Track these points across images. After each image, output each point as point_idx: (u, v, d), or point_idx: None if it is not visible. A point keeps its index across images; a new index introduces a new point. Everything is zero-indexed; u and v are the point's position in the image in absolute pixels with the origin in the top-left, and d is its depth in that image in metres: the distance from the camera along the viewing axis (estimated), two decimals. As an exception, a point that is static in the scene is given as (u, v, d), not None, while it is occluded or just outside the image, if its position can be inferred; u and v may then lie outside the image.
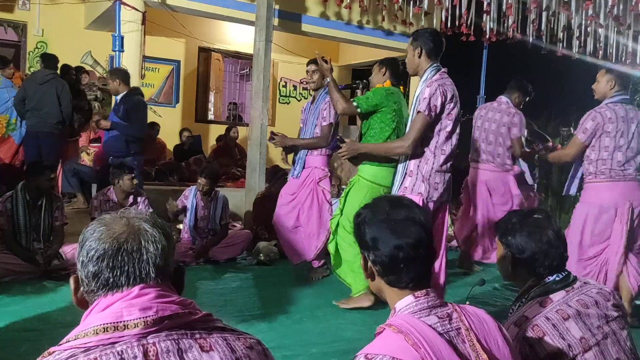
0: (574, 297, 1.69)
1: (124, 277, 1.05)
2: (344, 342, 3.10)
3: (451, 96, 3.08)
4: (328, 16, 7.40)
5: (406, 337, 1.19)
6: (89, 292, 1.07)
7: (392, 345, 1.19)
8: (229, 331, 1.08)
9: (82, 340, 0.97)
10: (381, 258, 1.33)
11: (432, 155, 3.12)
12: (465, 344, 1.24)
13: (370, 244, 1.35)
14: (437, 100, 3.01)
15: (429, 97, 3.00)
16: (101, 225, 1.09)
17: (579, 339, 1.59)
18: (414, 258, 1.31)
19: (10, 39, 7.80)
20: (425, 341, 1.19)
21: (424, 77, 3.14)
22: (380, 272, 1.35)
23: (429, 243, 1.34)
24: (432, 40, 3.16)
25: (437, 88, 3.02)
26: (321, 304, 3.83)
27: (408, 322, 1.24)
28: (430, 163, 3.12)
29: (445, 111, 3.08)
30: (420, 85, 3.13)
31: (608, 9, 7.05)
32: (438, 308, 1.30)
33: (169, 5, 6.41)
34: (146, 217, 1.13)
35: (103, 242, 1.06)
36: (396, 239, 1.31)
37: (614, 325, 1.68)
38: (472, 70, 8.73)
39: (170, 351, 0.97)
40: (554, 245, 1.74)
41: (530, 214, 1.82)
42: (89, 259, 1.06)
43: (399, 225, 1.32)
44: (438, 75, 3.10)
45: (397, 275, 1.32)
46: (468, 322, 1.28)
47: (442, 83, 3.06)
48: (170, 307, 1.03)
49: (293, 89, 9.97)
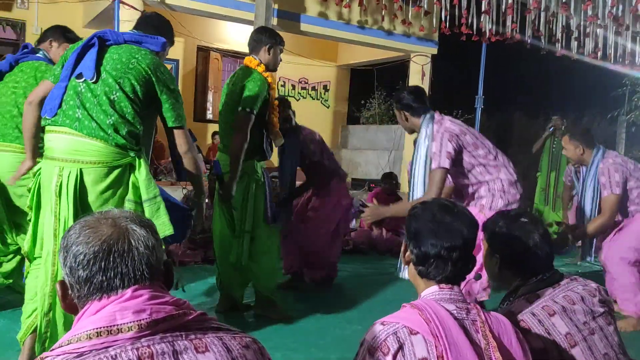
0: (560, 293, 1.71)
1: (117, 279, 1.03)
2: (343, 341, 3.10)
3: (459, 131, 3.05)
4: (327, 16, 7.39)
5: (420, 312, 1.34)
6: (80, 297, 1.05)
7: (407, 317, 1.35)
8: (224, 330, 1.07)
9: (75, 345, 0.96)
10: (417, 249, 1.48)
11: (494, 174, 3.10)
12: (478, 334, 1.34)
13: (412, 235, 1.51)
14: (449, 147, 2.98)
15: (439, 150, 2.98)
16: (87, 228, 1.06)
17: (565, 335, 1.61)
18: (445, 258, 1.43)
19: (8, 37, 7.79)
20: (437, 318, 1.31)
21: (423, 134, 3.13)
22: (414, 260, 1.50)
23: (464, 250, 1.45)
24: (412, 100, 3.16)
25: (441, 138, 3.00)
26: (320, 304, 3.83)
27: (426, 302, 1.38)
28: (499, 182, 3.09)
29: (466, 146, 3.06)
30: (424, 141, 3.12)
31: (607, 9, 7.05)
32: (460, 302, 1.41)
33: (167, 5, 6.41)
34: (132, 216, 1.12)
35: (92, 245, 1.04)
36: (432, 238, 1.45)
37: (601, 320, 1.70)
38: (471, 70, 8.73)
39: (165, 353, 0.96)
40: (540, 248, 1.77)
41: (517, 217, 1.84)
42: (77, 263, 1.04)
43: (439, 228, 1.46)
44: (435, 125, 3.07)
45: (426, 268, 1.46)
46: (485, 318, 1.37)
47: (443, 130, 3.03)
48: (164, 308, 1.02)
49: (292, 89, 9.97)
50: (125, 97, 2.25)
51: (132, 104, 2.26)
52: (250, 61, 3.37)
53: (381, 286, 4.45)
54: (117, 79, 2.24)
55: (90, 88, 2.24)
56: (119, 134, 2.22)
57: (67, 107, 2.23)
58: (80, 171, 2.16)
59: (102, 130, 2.19)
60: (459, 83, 9.83)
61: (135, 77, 2.27)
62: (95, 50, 2.28)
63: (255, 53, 3.40)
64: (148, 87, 2.31)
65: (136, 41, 2.39)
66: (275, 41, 3.43)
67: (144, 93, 2.30)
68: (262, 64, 3.35)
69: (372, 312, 3.61)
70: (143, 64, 2.29)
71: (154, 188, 2.27)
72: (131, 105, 2.26)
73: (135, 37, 2.40)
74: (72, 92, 2.26)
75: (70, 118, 2.21)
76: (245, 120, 3.15)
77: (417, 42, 8.20)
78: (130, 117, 2.26)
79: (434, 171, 2.99)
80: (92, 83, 2.24)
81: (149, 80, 2.30)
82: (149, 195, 2.25)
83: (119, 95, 2.24)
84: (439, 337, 1.28)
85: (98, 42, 2.31)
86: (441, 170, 2.96)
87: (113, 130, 2.20)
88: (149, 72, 2.30)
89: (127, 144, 2.23)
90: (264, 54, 3.39)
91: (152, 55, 2.37)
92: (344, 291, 4.27)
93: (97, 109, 2.21)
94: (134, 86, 2.26)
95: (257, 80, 3.21)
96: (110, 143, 2.19)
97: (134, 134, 2.27)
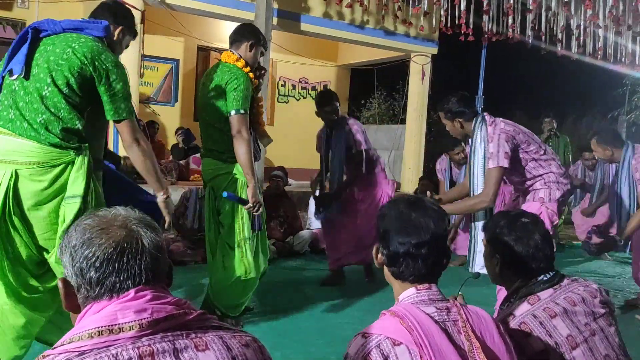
0: (561, 294, 1.70)
1: (130, 281, 1.03)
2: (342, 341, 3.09)
3: (513, 131, 3.14)
4: (327, 16, 7.39)
5: (401, 320, 1.30)
6: (89, 297, 1.05)
7: (388, 327, 1.30)
8: (224, 329, 1.08)
9: (76, 344, 0.96)
10: (387, 249, 1.44)
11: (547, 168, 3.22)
12: (461, 335, 1.31)
13: (381, 235, 1.47)
14: (506, 147, 3.07)
15: (496, 151, 3.06)
16: (97, 229, 1.06)
17: (566, 337, 1.61)
18: (414, 255, 1.39)
19: (9, 37, 7.77)
20: (419, 325, 1.28)
21: (478, 138, 3.17)
22: (385, 262, 1.47)
23: (434, 245, 1.40)
24: (463, 106, 3.21)
25: (498, 139, 3.08)
26: (319, 303, 3.83)
27: (405, 309, 1.34)
28: (553, 175, 3.22)
29: (520, 144, 3.15)
30: (480, 145, 3.16)
31: (608, 9, 7.05)
32: (439, 302, 1.38)
33: (168, 4, 6.41)
34: (138, 217, 1.12)
35: (105, 247, 1.03)
36: (400, 236, 1.41)
37: (602, 322, 1.69)
38: (471, 70, 8.74)
39: (166, 351, 0.97)
40: (541, 249, 1.76)
41: (518, 217, 1.84)
42: (89, 265, 1.03)
43: (406, 224, 1.42)
44: (490, 128, 3.14)
45: (398, 268, 1.43)
46: (465, 316, 1.35)
47: (499, 131, 3.10)
48: (165, 308, 1.02)
49: (292, 88, 9.97)
50: (58, 92, 2.08)
51: (67, 98, 2.10)
52: (229, 56, 3.12)
53: (381, 286, 4.46)
54: (49, 73, 2.08)
55: (24, 85, 2.10)
56: (52, 133, 2.08)
57: (2, 108, 2.12)
58: (16, 172, 2.05)
59: (34, 130, 2.07)
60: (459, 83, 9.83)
61: (69, 68, 2.09)
62: (27, 44, 2.12)
63: (236, 47, 3.16)
64: (85, 78, 2.12)
65: (76, 28, 2.19)
66: (259, 40, 3.20)
67: (81, 85, 2.12)
68: (242, 59, 3.11)
69: (372, 311, 3.60)
70: (79, 53, 2.10)
71: (78, 187, 2.10)
72: (65, 100, 2.09)
73: (76, 24, 2.21)
74: (6, 91, 2.14)
75: (4, 119, 2.10)
76: (243, 122, 2.95)
77: (417, 42, 8.20)
78: (65, 113, 2.10)
79: (492, 170, 3.06)
80: (24, 80, 2.10)
81: (85, 70, 2.11)
82: (69, 193, 2.09)
83: (51, 90, 2.08)
84: (422, 346, 1.25)
85: (32, 35, 2.14)
86: (500, 169, 3.05)
87: (45, 129, 2.07)
88: (85, 62, 2.10)
89: (61, 142, 2.09)
90: (246, 50, 3.15)
91: (93, 43, 2.16)
92: (344, 291, 4.27)
93: (29, 107, 2.08)
94: (68, 79, 2.09)
95: (241, 77, 2.99)
96: (43, 143, 2.07)
97: (72, 131, 2.12)
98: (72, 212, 2.08)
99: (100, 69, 2.13)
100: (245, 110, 2.98)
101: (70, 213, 2.08)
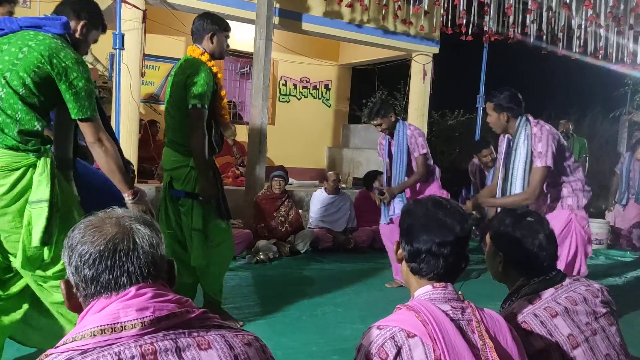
0: (563, 294, 1.70)
1: (125, 278, 1.04)
2: (343, 340, 3.11)
3: (556, 133, 3.22)
4: (328, 15, 7.39)
5: (417, 314, 1.32)
6: (87, 295, 1.06)
7: (403, 320, 1.32)
8: (226, 328, 1.08)
9: (78, 342, 0.97)
10: (409, 245, 1.46)
11: (575, 175, 3.32)
12: (475, 334, 1.33)
13: (405, 231, 1.49)
14: (553, 147, 3.14)
15: (545, 150, 3.12)
16: (91, 227, 1.08)
17: (567, 336, 1.61)
18: (436, 254, 1.42)
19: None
20: (434, 320, 1.29)
21: (522, 136, 3.22)
22: (406, 257, 1.49)
23: (456, 246, 1.42)
24: (514, 103, 3.25)
25: (547, 138, 3.14)
26: (320, 303, 3.84)
27: (421, 304, 1.36)
28: (579, 182, 3.32)
29: (560, 146, 3.23)
30: (523, 143, 3.21)
31: (608, 9, 7.04)
32: (454, 301, 1.39)
33: (169, 4, 6.41)
34: (135, 216, 1.13)
35: (97, 244, 1.05)
36: (423, 234, 1.43)
37: (603, 321, 1.69)
38: (471, 69, 8.73)
39: (168, 350, 0.97)
40: (545, 249, 1.76)
41: (523, 216, 1.84)
42: (83, 262, 1.04)
43: (431, 223, 1.44)
44: (535, 128, 3.19)
45: (418, 264, 1.44)
46: (480, 317, 1.36)
47: (547, 132, 3.17)
48: (167, 306, 1.03)
49: (293, 88, 9.96)
50: (14, 93, 2.01)
51: (24, 99, 2.03)
52: (193, 50, 3.19)
53: (381, 286, 4.46)
54: (3, 74, 2.02)
55: None
56: (8, 135, 2.02)
57: None
58: None
59: None
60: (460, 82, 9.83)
61: (25, 68, 2.01)
62: None
63: (199, 42, 3.22)
64: (43, 77, 2.05)
65: (35, 26, 2.13)
66: (218, 27, 3.22)
67: (40, 85, 2.05)
68: (207, 53, 3.17)
69: (372, 311, 3.61)
70: (36, 51, 2.03)
71: (43, 191, 2.04)
72: (22, 101, 2.02)
73: (34, 21, 2.14)
74: None
75: None
76: (200, 117, 3.01)
77: (418, 41, 8.19)
78: (22, 114, 2.03)
79: (539, 169, 3.11)
80: None
81: (42, 69, 2.03)
82: (34, 197, 2.03)
83: (6, 91, 2.01)
84: (436, 340, 1.26)
85: None
86: (546, 169, 3.11)
87: (0, 132, 2.01)
88: (42, 61, 2.03)
89: (19, 145, 2.03)
90: (207, 42, 3.20)
91: (51, 40, 2.09)
92: (345, 290, 4.27)
93: None
94: (24, 79, 2.01)
95: (202, 72, 3.04)
96: (0, 146, 2.01)
97: (30, 133, 2.05)
98: (39, 217, 2.03)
99: (59, 67, 2.06)
100: (203, 105, 3.02)
101: (37, 218, 2.03)
